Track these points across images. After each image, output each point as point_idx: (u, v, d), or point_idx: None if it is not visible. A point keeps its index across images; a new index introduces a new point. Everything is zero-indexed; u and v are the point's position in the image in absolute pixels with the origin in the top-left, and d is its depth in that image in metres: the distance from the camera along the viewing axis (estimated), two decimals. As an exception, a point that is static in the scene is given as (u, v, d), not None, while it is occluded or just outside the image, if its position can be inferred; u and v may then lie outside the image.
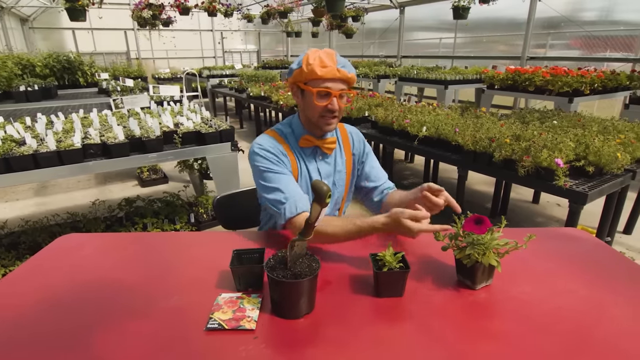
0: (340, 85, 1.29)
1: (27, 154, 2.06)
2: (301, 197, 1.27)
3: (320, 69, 1.24)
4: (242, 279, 1.03)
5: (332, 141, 1.43)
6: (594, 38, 6.74)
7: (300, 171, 1.42)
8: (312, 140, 1.39)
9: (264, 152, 1.34)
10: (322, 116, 1.32)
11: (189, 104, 3.44)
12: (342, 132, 1.53)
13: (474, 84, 6.53)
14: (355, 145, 1.52)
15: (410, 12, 9.85)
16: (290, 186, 1.29)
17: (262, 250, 1.08)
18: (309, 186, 1.43)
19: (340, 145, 1.50)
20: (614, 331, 0.88)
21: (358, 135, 1.56)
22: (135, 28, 11.72)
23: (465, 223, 1.02)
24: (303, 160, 1.42)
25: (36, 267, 1.21)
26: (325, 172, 1.45)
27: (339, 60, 1.27)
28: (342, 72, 1.25)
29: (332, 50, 1.29)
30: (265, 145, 1.35)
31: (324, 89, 1.27)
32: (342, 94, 1.30)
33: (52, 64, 5.92)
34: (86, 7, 5.89)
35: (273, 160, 1.33)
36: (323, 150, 1.43)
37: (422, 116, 3.44)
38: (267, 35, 15.56)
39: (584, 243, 1.32)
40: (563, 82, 4.31)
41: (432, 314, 0.95)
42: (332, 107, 1.29)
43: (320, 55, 1.26)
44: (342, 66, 1.26)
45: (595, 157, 2.33)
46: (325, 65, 1.24)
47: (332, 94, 1.27)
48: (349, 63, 1.31)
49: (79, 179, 4.84)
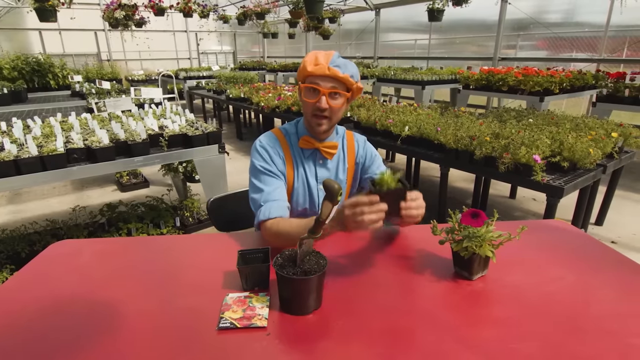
0: (331, 83, 1.27)
1: (8, 160, 1.99)
2: (278, 204, 1.29)
3: (311, 66, 1.25)
4: (249, 278, 1.04)
5: (331, 145, 1.41)
6: (560, 39, 7.06)
7: (297, 173, 1.42)
8: (311, 142, 1.39)
9: (262, 150, 1.37)
10: (313, 115, 1.32)
11: (170, 106, 3.40)
12: (349, 140, 1.50)
13: (450, 84, 6.72)
14: (359, 153, 1.49)
15: (385, 14, 10.03)
16: (275, 191, 1.32)
17: (266, 249, 1.10)
18: (305, 189, 1.44)
19: (344, 152, 1.48)
20: (601, 312, 0.95)
21: (365, 144, 1.52)
22: (107, 29, 11.40)
23: (462, 217, 1.08)
24: (302, 162, 1.42)
25: (33, 275, 1.18)
26: (323, 177, 1.44)
27: (334, 60, 1.26)
28: (332, 70, 1.24)
29: (333, 52, 1.29)
30: (265, 143, 1.39)
31: (311, 85, 1.27)
32: (334, 93, 1.28)
33: (21, 67, 5.72)
34: (56, 8, 5.70)
35: (267, 160, 1.36)
36: (323, 154, 1.42)
37: (404, 116, 3.52)
38: (242, 36, 15.46)
39: (566, 233, 1.40)
40: (534, 82, 4.51)
41: (434, 304, 1.00)
42: (319, 104, 1.27)
43: (317, 54, 1.27)
44: (335, 65, 1.25)
45: (569, 153, 2.46)
46: (318, 63, 1.25)
47: (320, 92, 1.26)
48: (351, 65, 1.29)
49: (55, 185, 4.67)
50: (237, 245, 1.39)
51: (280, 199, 1.31)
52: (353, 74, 1.29)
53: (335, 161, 1.46)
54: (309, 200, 1.46)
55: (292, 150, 1.43)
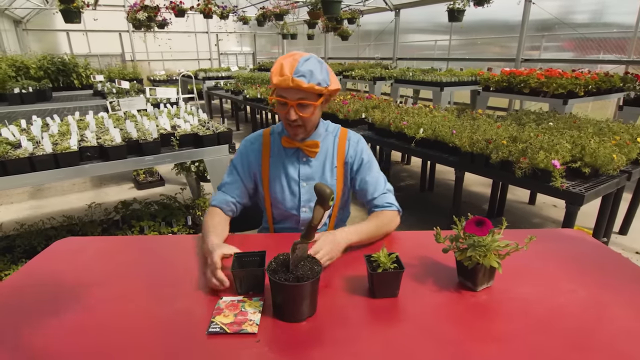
0: (298, 95, 1.23)
1: (23, 157, 2.03)
2: (224, 197, 1.42)
3: (276, 77, 1.21)
4: (243, 282, 1.02)
5: (312, 144, 1.40)
6: (587, 40, 6.81)
7: (275, 169, 1.43)
8: (292, 142, 1.40)
9: (241, 149, 1.48)
10: (287, 124, 1.32)
11: (185, 106, 3.43)
12: (341, 138, 1.47)
13: (469, 85, 6.57)
14: (349, 153, 1.45)
15: (405, 15, 9.90)
16: (230, 185, 1.44)
17: (262, 253, 1.07)
18: (283, 187, 1.44)
19: (334, 151, 1.45)
20: (615, 331, 0.89)
21: (357, 144, 1.47)
22: (130, 30, 11.68)
23: (466, 225, 1.03)
24: (284, 160, 1.43)
25: (34, 271, 1.20)
26: (306, 175, 1.44)
27: (298, 69, 1.19)
28: (296, 81, 1.18)
29: (300, 57, 1.22)
30: (246, 142, 1.48)
31: (279, 98, 1.26)
32: (303, 103, 1.25)
33: (47, 66, 5.88)
34: (81, 9, 5.86)
35: (241, 158, 1.46)
36: (305, 152, 1.41)
37: (419, 118, 3.45)
38: (262, 37, 15.58)
39: (582, 244, 1.33)
40: (558, 84, 4.35)
41: (433, 316, 0.95)
42: (288, 116, 1.26)
43: (283, 62, 1.21)
44: (300, 75, 1.19)
45: (591, 158, 2.35)
46: (282, 74, 1.20)
47: (288, 104, 1.25)
48: (318, 70, 1.23)
49: (74, 182, 4.80)
50: (239, 246, 1.38)
51: (229, 194, 1.42)
52: (320, 80, 1.23)
53: (321, 160, 1.44)
54: (291, 198, 1.45)
55: (275, 149, 1.44)
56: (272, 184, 1.45)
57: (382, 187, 1.44)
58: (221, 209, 1.40)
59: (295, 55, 1.23)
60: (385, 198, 1.42)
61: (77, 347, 0.86)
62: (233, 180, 1.45)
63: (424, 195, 4.33)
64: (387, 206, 1.41)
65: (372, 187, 1.43)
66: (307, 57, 1.23)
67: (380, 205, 1.41)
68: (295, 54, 1.24)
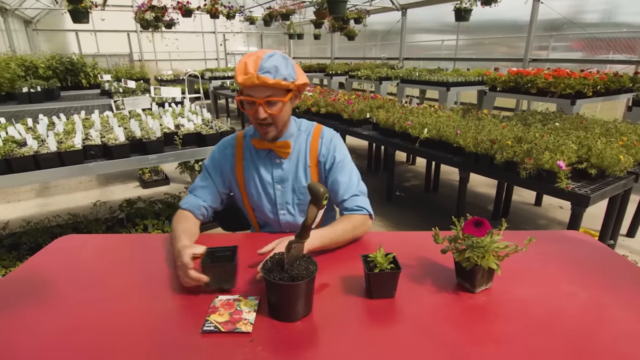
0: (265, 92, 1.20)
1: (28, 155, 2.06)
2: (195, 200, 1.39)
3: (241, 76, 1.18)
4: (214, 277, 1.01)
5: (283, 145, 1.36)
6: (597, 40, 6.72)
7: (249, 174, 1.41)
8: (263, 143, 1.36)
9: (214, 154, 1.45)
10: (258, 124, 1.28)
11: (190, 105, 3.45)
12: (314, 136, 1.41)
13: (476, 85, 6.52)
14: (322, 151, 1.39)
15: (412, 14, 9.85)
16: (202, 188, 1.42)
17: (234, 248, 1.07)
18: (259, 190, 1.41)
19: (306, 150, 1.40)
20: (615, 334, 0.87)
21: (330, 142, 1.41)
22: (138, 30, 11.77)
23: (464, 225, 1.02)
24: (257, 162, 1.40)
25: (35, 268, 1.20)
26: (279, 177, 1.40)
27: (263, 66, 1.16)
28: (261, 78, 1.15)
29: (264, 54, 1.19)
30: (219, 146, 1.45)
31: (246, 98, 1.22)
32: (270, 101, 1.22)
33: (55, 66, 5.95)
34: (89, 9, 5.92)
35: (214, 162, 1.43)
36: (277, 154, 1.37)
37: (424, 118, 3.43)
38: (269, 37, 15.60)
39: (585, 246, 1.30)
40: (565, 84, 4.30)
41: (430, 317, 0.94)
42: (257, 115, 1.23)
43: (247, 60, 1.18)
44: (265, 72, 1.16)
45: (597, 159, 2.31)
46: (247, 72, 1.16)
47: (256, 102, 1.21)
48: (283, 65, 1.19)
49: (81, 180, 4.85)
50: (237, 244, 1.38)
51: (201, 198, 1.40)
52: (286, 75, 1.20)
53: (294, 160, 1.40)
54: (267, 202, 1.43)
55: (248, 152, 1.41)
56: (248, 188, 1.42)
57: (353, 188, 1.37)
58: (192, 213, 1.37)
59: (259, 52, 1.20)
60: (355, 201, 1.35)
61: (69, 344, 0.87)
62: (206, 184, 1.42)
63: (428, 195, 4.30)
64: (356, 210, 1.33)
65: (343, 188, 1.37)
66: (271, 53, 1.20)
67: (350, 209, 1.34)
68: (259, 52, 1.20)
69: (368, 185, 1.46)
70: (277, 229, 1.49)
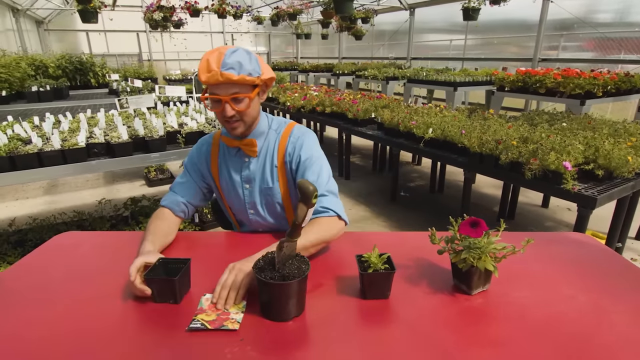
0: (231, 89, 1.16)
1: (32, 153, 2.08)
2: (174, 197, 1.38)
3: (204, 75, 1.14)
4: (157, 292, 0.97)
5: (249, 143, 1.31)
6: (608, 40, 6.61)
7: (222, 173, 1.39)
8: (232, 141, 1.33)
9: (192, 152, 1.45)
10: (225, 121, 1.24)
11: (195, 104, 3.46)
12: (284, 135, 1.36)
13: (484, 85, 6.45)
14: (287, 150, 1.33)
15: (420, 14, 9.79)
16: (181, 185, 1.41)
17: (187, 260, 1.02)
18: (230, 189, 1.40)
19: (274, 149, 1.36)
20: (612, 338, 0.85)
21: (297, 140, 1.34)
22: (147, 30, 11.87)
23: (460, 226, 1.00)
24: (229, 161, 1.38)
25: (31, 265, 1.22)
26: (247, 177, 1.37)
27: (226, 62, 1.12)
28: (225, 75, 1.12)
29: (226, 50, 1.15)
30: (198, 144, 1.45)
31: (212, 96, 1.19)
32: (238, 97, 1.18)
33: (65, 65, 6.03)
34: (98, 9, 5.99)
35: (193, 159, 1.43)
36: (245, 152, 1.34)
37: (429, 118, 3.40)
38: (277, 37, 15.63)
39: (588, 248, 1.27)
40: (575, 84, 4.23)
41: (425, 318, 0.93)
42: (224, 113, 1.19)
43: (209, 58, 1.14)
44: (228, 68, 1.12)
45: (605, 160, 2.27)
46: (210, 70, 1.12)
47: (222, 100, 1.18)
48: (247, 60, 1.16)
49: (88, 178, 4.90)
50: (236, 243, 1.38)
51: (179, 195, 1.39)
52: (251, 70, 1.16)
53: (262, 159, 1.35)
54: (238, 201, 1.40)
55: (222, 151, 1.39)
56: (223, 187, 1.41)
57: (321, 188, 1.27)
58: (171, 210, 1.35)
59: (221, 49, 1.16)
60: (321, 201, 1.24)
61: (53, 343, 0.86)
62: (185, 181, 1.41)
63: (433, 196, 4.26)
64: (322, 211, 1.22)
65: None
66: (234, 49, 1.16)
67: (315, 211, 1.22)
68: (221, 48, 1.16)
69: (372, 185, 1.44)
70: (251, 228, 1.47)
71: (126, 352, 0.83)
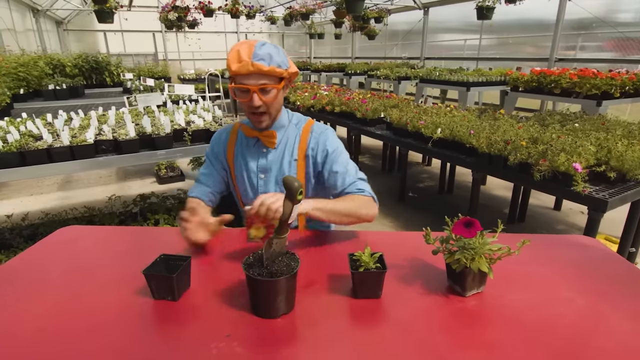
0: (261, 80, 1.20)
1: (42, 148, 2.13)
2: (201, 188, 1.44)
3: (235, 64, 1.17)
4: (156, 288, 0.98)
5: (270, 135, 1.36)
6: (629, 39, 6.43)
7: (237, 162, 1.43)
8: (252, 132, 1.37)
9: (212, 140, 1.50)
10: (250, 113, 1.28)
11: (204, 103, 3.49)
12: (305, 131, 1.40)
13: (498, 86, 6.34)
14: (310, 145, 1.38)
15: (434, 13, 9.69)
16: (206, 176, 1.46)
17: (187, 258, 1.02)
18: (244, 179, 1.43)
19: (295, 143, 1.40)
20: (609, 345, 0.82)
21: (319, 135, 1.39)
22: (163, 30, 12.05)
23: (454, 226, 0.98)
24: (246, 151, 1.41)
25: (33, 258, 1.24)
26: (263, 167, 1.40)
27: (257, 53, 1.16)
28: (256, 65, 1.16)
29: (255, 41, 1.19)
30: (217, 135, 1.50)
31: (240, 86, 1.21)
32: (266, 88, 1.22)
33: (81, 64, 6.16)
34: (114, 10, 6.10)
35: (213, 149, 1.48)
36: (264, 143, 1.38)
37: (438, 118, 3.36)
38: (290, 37, 15.68)
39: (592, 252, 1.23)
40: (591, 84, 4.12)
41: (416, 319, 0.91)
42: (251, 103, 1.22)
43: (239, 48, 1.18)
44: (259, 59, 1.16)
45: (617, 162, 2.20)
46: (240, 60, 1.16)
47: (250, 90, 1.20)
48: (276, 53, 1.20)
49: (101, 175, 5.00)
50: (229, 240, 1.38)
51: (205, 184, 1.45)
52: (280, 62, 1.21)
53: (281, 151, 1.39)
54: (251, 191, 1.43)
55: (239, 139, 1.43)
56: (237, 176, 1.44)
57: (352, 176, 1.35)
58: (201, 200, 1.40)
59: (251, 41, 1.20)
60: (356, 185, 1.33)
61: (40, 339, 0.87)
62: (209, 171, 1.46)
63: (442, 197, 4.21)
64: (358, 192, 1.31)
65: (341, 178, 1.34)
66: (263, 42, 1.20)
67: (352, 192, 1.32)
68: (251, 40, 1.21)
69: (381, 185, 1.44)
70: None
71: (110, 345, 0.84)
